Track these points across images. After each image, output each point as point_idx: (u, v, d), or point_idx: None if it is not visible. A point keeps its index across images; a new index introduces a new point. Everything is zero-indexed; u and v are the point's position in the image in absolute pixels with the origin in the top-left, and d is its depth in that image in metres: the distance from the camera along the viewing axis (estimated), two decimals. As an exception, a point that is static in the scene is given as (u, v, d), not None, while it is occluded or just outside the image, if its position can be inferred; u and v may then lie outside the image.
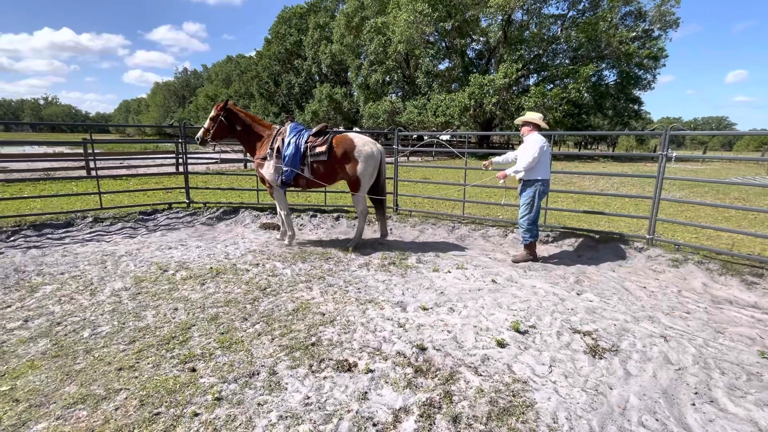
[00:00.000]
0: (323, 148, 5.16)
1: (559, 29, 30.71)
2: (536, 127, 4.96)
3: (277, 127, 5.44)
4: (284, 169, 5.16)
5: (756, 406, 2.36)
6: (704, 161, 29.07)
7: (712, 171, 21.69)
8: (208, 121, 5.33)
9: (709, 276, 4.56)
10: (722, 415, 2.29)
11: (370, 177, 5.36)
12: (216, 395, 2.35)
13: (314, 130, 5.34)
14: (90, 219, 6.35)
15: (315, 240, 6.00)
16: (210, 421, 2.16)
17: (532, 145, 4.77)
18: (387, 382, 2.51)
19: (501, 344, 2.98)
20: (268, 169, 5.27)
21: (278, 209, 5.59)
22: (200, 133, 5.36)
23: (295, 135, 5.25)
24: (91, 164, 11.54)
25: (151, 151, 19.44)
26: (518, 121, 5.09)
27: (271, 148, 5.23)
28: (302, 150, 5.17)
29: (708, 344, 3.08)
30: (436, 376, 2.59)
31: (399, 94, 36.79)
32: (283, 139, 5.23)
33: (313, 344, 2.96)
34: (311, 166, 5.21)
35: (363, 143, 5.30)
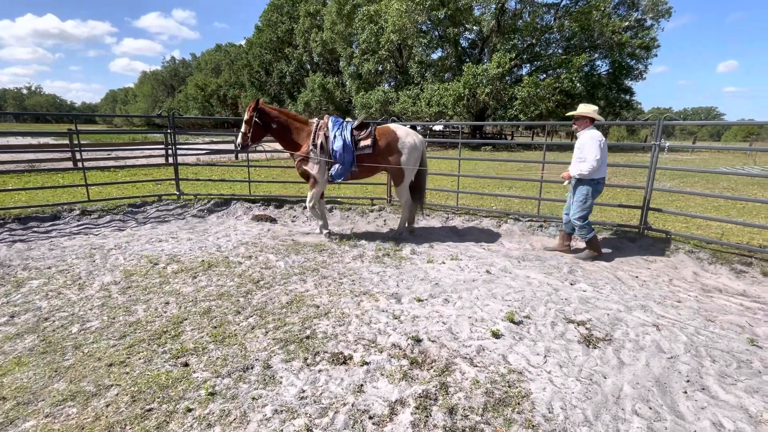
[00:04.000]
0: (368, 142, 5.14)
1: (553, 18, 30.56)
2: (591, 121, 4.59)
3: (315, 121, 5.34)
4: (336, 164, 5.09)
5: (746, 393, 2.40)
6: (693, 151, 29.40)
7: (701, 161, 21.94)
8: (243, 125, 5.21)
9: (700, 265, 4.62)
10: (714, 402, 2.32)
11: (413, 168, 5.36)
12: (209, 390, 2.32)
13: (356, 123, 5.30)
14: (77, 212, 6.21)
15: (308, 232, 5.94)
16: (204, 417, 2.13)
17: (592, 144, 4.43)
18: (383, 375, 2.50)
19: (496, 335, 2.99)
20: (314, 166, 5.17)
21: (310, 207, 5.43)
22: (239, 139, 5.22)
23: (339, 129, 5.17)
24: (78, 155, 11.28)
25: (140, 142, 19.04)
26: (571, 114, 4.71)
27: (314, 144, 5.12)
28: (350, 144, 5.12)
29: (699, 332, 3.12)
30: (431, 367, 2.59)
31: (392, 83, 36.42)
32: (325, 134, 5.15)
33: (307, 337, 2.93)
34: (355, 159, 5.18)
35: (406, 134, 5.31)
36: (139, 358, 2.64)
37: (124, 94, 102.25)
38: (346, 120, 5.39)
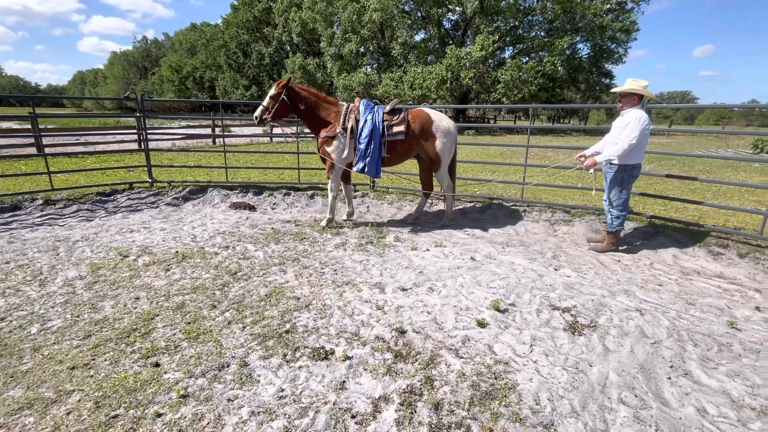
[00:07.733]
0: (401, 128, 4.92)
1: (536, 0, 30.28)
2: (639, 98, 4.11)
3: (344, 104, 5.11)
4: (361, 149, 4.86)
5: (728, 377, 2.41)
6: (669, 134, 30.05)
7: (677, 144, 22.47)
8: (267, 99, 4.96)
9: (679, 248, 4.67)
10: (697, 387, 2.32)
11: (449, 152, 5.18)
12: (181, 392, 2.18)
13: (387, 108, 5.05)
14: (40, 201, 5.84)
15: (289, 219, 5.76)
16: (174, 422, 2.00)
17: (632, 125, 3.95)
18: (366, 370, 2.41)
19: (481, 324, 2.93)
20: (337, 149, 4.95)
21: (329, 189, 5.22)
22: (258, 111, 4.97)
23: (370, 113, 4.93)
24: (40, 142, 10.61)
25: (110, 127, 18.15)
26: (617, 90, 4.19)
27: (344, 128, 4.90)
28: (380, 129, 4.88)
29: (680, 316, 3.14)
30: (416, 360, 2.51)
31: (374, 65, 35.63)
32: (356, 118, 4.92)
33: (287, 331, 2.81)
34: (387, 145, 4.96)
35: (440, 118, 5.13)
36: (105, 360, 2.47)
37: (94, 75, 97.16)
38: (377, 104, 5.14)
